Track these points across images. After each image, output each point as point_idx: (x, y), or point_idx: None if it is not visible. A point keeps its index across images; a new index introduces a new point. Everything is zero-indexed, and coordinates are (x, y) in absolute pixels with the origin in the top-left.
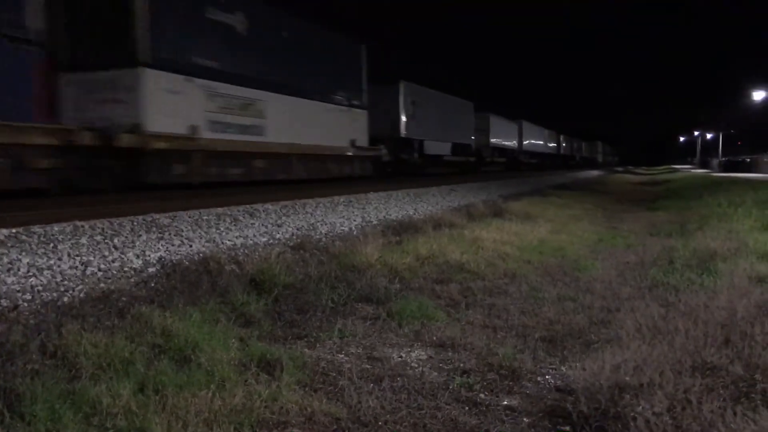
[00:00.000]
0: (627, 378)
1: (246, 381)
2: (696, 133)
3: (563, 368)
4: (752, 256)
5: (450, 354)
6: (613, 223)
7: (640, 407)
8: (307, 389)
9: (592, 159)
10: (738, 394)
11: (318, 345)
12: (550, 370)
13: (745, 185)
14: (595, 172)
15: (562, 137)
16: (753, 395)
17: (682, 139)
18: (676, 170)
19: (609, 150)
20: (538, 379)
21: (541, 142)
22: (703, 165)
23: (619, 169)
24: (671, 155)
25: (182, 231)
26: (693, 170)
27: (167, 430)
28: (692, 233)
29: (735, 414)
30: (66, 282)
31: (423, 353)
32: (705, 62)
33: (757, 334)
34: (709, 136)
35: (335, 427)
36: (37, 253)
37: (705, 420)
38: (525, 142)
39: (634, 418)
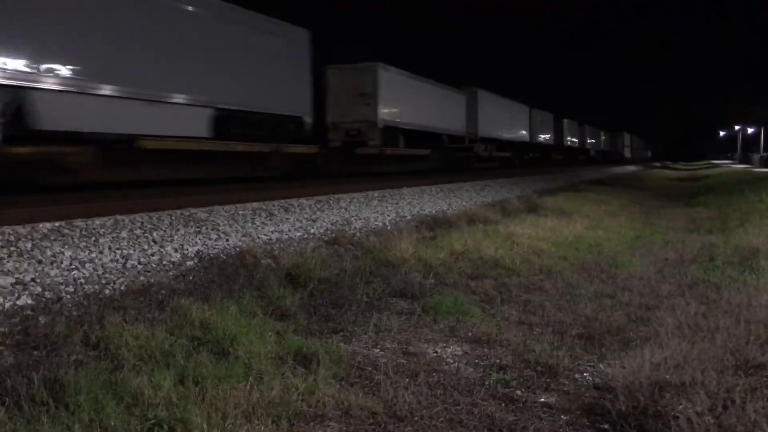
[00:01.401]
0: (667, 376)
1: (283, 374)
2: (737, 128)
3: (601, 366)
4: None
5: (486, 350)
6: (651, 219)
7: (682, 406)
8: (343, 383)
9: (614, 153)
10: None
11: (353, 339)
12: (588, 368)
13: None
14: (631, 168)
15: (565, 123)
16: None
17: (722, 133)
18: (716, 165)
19: (640, 143)
20: (576, 376)
21: (505, 124)
22: (744, 160)
23: (656, 164)
24: (711, 150)
25: (219, 225)
26: (733, 165)
27: (207, 422)
28: (733, 230)
29: None
30: (107, 275)
31: (458, 349)
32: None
33: None
34: (750, 130)
35: (371, 421)
36: (79, 247)
37: (749, 420)
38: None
39: (676, 417)
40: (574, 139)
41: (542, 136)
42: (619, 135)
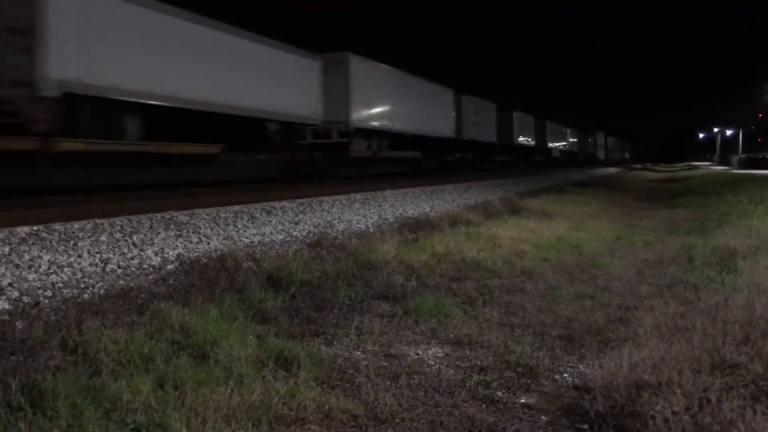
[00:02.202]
0: (645, 376)
1: (264, 378)
2: (716, 130)
3: (581, 366)
4: None
5: (467, 351)
6: (632, 220)
7: (659, 406)
8: (324, 386)
9: (585, 155)
10: (758, 393)
11: (335, 342)
12: (568, 369)
13: (765, 182)
14: (612, 170)
15: (515, 116)
16: None
17: (701, 135)
18: (695, 167)
19: (617, 144)
20: (556, 377)
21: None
22: (723, 162)
23: (637, 166)
24: (690, 152)
25: (200, 228)
26: (712, 167)
27: (186, 426)
28: (712, 231)
29: (755, 413)
30: (86, 279)
31: (440, 351)
32: (725, 58)
33: None
34: (729, 132)
35: (353, 424)
36: (57, 251)
37: (725, 419)
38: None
39: (653, 417)
40: (527, 138)
41: (478, 132)
42: (591, 134)
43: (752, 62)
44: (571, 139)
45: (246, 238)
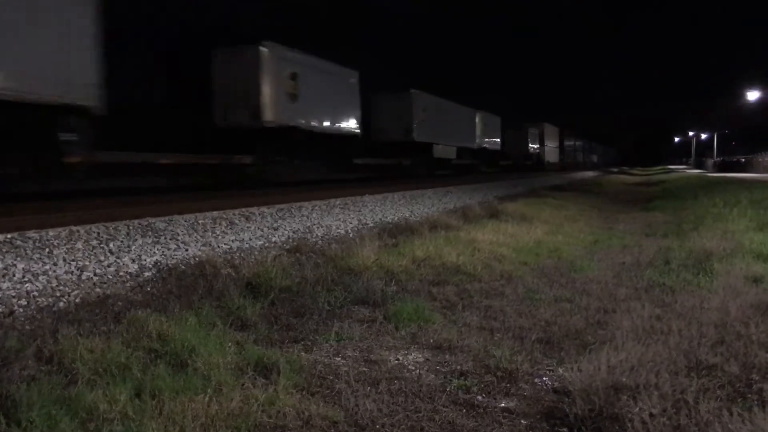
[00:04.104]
0: (623, 379)
1: (243, 385)
2: (691, 134)
3: (560, 370)
4: (748, 256)
5: (447, 356)
6: (609, 223)
7: (637, 408)
8: (304, 393)
9: (521, 156)
10: (734, 394)
11: (315, 348)
12: (547, 372)
13: (740, 185)
14: (589, 173)
15: (478, 117)
16: (749, 395)
17: (676, 139)
18: (671, 170)
19: (580, 144)
20: (535, 380)
21: None
22: (698, 165)
23: (614, 169)
24: (666, 155)
25: (178, 235)
26: (688, 170)
27: None
28: (688, 234)
29: (731, 414)
30: (62, 287)
31: (420, 356)
32: (700, 62)
33: (753, 333)
34: (703, 136)
35: (333, 430)
36: (32, 258)
37: (701, 420)
38: None
39: (631, 420)
40: (492, 140)
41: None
42: (533, 129)
43: (727, 67)
44: (483, 131)
45: (225, 244)
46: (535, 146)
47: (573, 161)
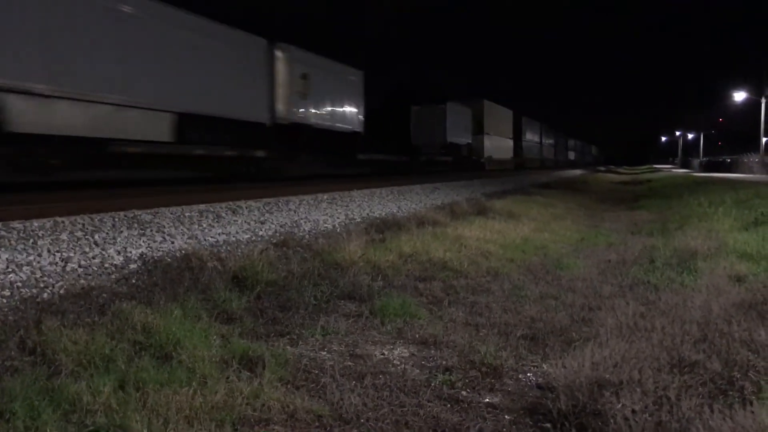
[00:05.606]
0: (607, 375)
1: (228, 378)
2: (677, 134)
3: (545, 366)
4: (732, 255)
5: (432, 351)
6: (595, 221)
7: (620, 404)
8: (289, 386)
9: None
10: (716, 392)
11: (300, 342)
12: (532, 368)
13: (725, 185)
14: (577, 172)
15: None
16: (731, 392)
17: (663, 139)
18: (658, 170)
19: (582, 147)
20: (520, 376)
21: None
22: (684, 165)
23: (602, 168)
24: (653, 155)
25: (164, 227)
26: (674, 170)
27: (148, 428)
28: (673, 232)
29: (712, 411)
30: (46, 278)
31: (405, 351)
32: (687, 63)
33: (735, 331)
34: (690, 136)
35: (317, 424)
36: (16, 249)
37: (683, 417)
38: None
39: (614, 416)
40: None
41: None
42: (457, 108)
43: (713, 68)
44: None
45: (211, 237)
46: (463, 137)
47: (540, 160)
